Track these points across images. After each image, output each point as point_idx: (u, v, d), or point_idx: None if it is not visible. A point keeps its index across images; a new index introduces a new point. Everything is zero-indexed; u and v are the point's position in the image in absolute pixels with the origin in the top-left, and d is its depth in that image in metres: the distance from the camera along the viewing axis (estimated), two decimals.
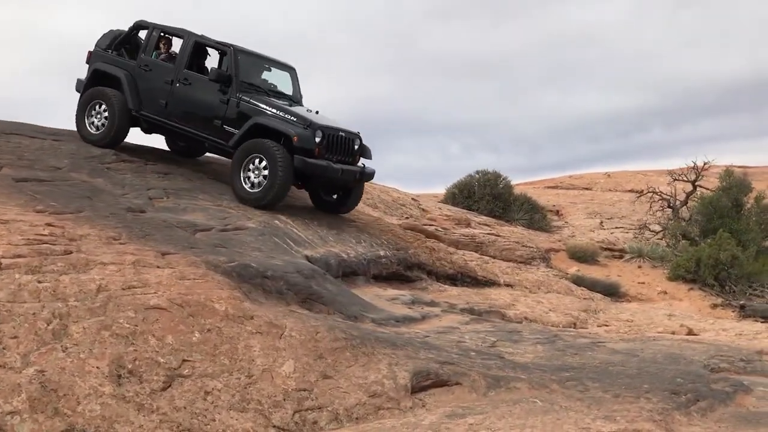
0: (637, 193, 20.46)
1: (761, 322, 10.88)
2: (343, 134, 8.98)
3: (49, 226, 5.73)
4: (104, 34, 9.89)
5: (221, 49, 9.38)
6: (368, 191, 11.06)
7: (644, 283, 13.45)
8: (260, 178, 8.48)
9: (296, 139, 8.42)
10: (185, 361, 4.35)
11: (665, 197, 18.12)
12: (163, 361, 4.29)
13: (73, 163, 8.41)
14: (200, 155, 10.59)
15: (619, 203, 21.80)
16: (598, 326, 9.34)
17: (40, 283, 4.64)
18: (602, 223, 18.95)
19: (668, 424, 4.30)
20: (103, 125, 9.42)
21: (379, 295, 7.66)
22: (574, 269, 13.24)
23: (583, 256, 14.25)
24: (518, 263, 12.33)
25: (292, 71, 9.87)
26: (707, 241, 14.35)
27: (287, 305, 5.60)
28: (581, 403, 4.55)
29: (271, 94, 9.24)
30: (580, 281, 12.23)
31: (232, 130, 8.79)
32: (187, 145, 10.15)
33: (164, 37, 9.67)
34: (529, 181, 27.29)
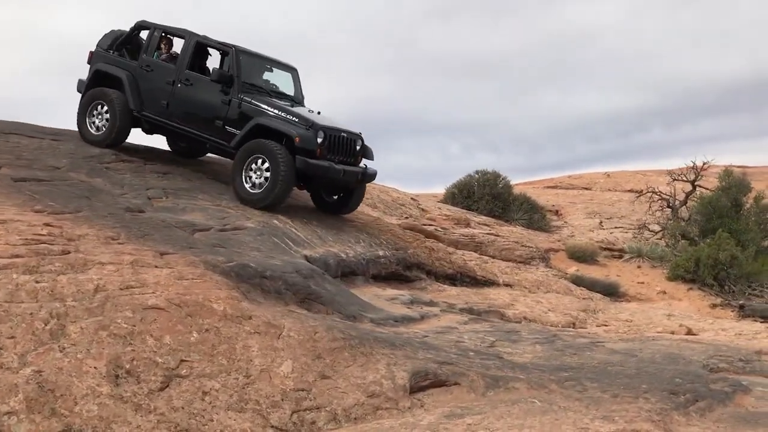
0: (636, 193, 20.47)
1: (760, 322, 10.88)
2: (344, 135, 8.97)
3: (47, 225, 5.72)
4: (105, 34, 9.89)
5: (223, 49, 9.37)
6: (368, 191, 11.05)
7: (643, 283, 13.46)
8: (262, 179, 8.46)
9: (298, 139, 8.41)
10: (183, 361, 4.34)
11: (665, 197, 18.13)
12: (160, 361, 4.28)
13: (71, 162, 8.40)
14: (201, 156, 10.58)
15: (618, 203, 21.79)
16: (597, 326, 9.34)
17: (37, 283, 4.63)
18: (601, 223, 18.94)
19: (667, 424, 4.30)
20: (104, 126, 9.42)
21: (377, 294, 7.65)
22: (573, 269, 13.24)
23: (582, 256, 14.25)
24: (517, 263, 12.33)
25: (293, 72, 9.86)
26: (706, 241, 14.35)
27: (286, 305, 5.59)
28: (580, 403, 4.55)
29: (272, 94, 9.22)
30: (579, 281, 12.23)
31: (233, 130, 8.78)
32: (188, 145, 10.14)
33: (166, 37, 9.66)
34: (528, 181, 27.35)
